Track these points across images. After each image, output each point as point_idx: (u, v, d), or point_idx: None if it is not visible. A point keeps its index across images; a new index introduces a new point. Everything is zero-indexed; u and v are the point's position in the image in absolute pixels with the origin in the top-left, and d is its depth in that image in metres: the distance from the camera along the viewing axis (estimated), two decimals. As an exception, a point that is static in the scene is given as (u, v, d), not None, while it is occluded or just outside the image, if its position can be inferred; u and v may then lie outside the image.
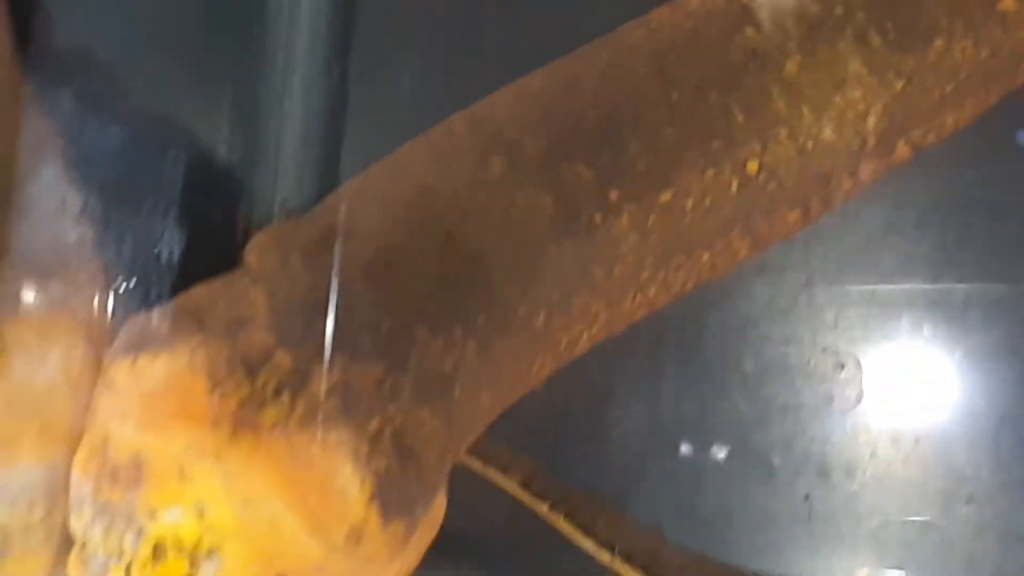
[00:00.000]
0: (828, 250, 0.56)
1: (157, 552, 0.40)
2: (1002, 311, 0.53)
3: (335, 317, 0.42)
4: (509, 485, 0.54)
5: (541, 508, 0.54)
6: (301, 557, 0.40)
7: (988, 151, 0.54)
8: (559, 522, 0.54)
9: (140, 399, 0.40)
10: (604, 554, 0.53)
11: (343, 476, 0.40)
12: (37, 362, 0.44)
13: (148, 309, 0.42)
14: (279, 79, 0.60)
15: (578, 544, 0.53)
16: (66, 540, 0.42)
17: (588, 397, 0.57)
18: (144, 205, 0.49)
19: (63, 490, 0.42)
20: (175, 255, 0.48)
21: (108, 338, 0.44)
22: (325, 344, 0.41)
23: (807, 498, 0.54)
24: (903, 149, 0.51)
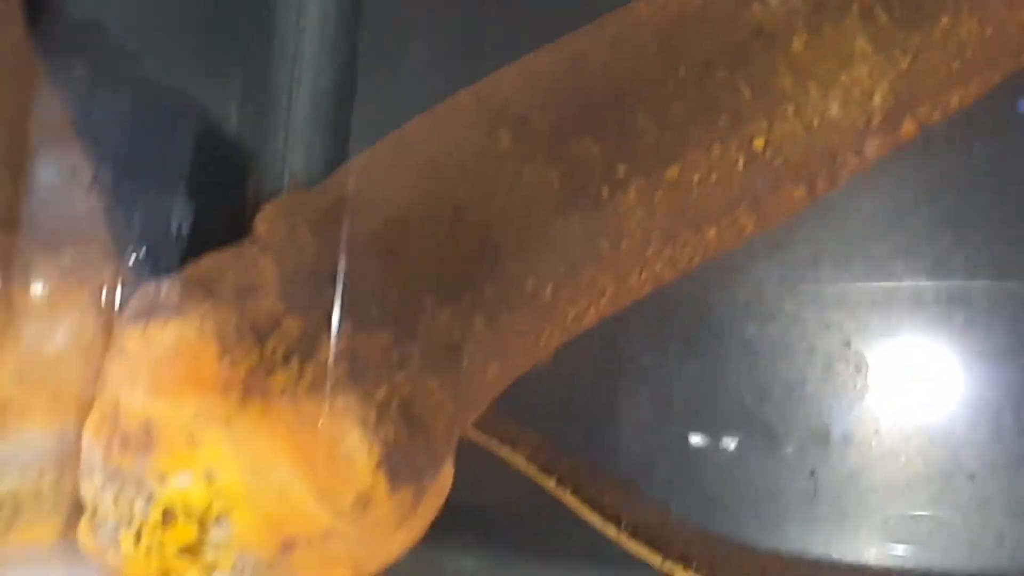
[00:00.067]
0: (833, 231, 0.56)
1: (167, 517, 0.40)
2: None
3: (343, 285, 0.42)
4: (516, 459, 0.54)
5: (548, 482, 0.54)
6: (309, 523, 0.40)
7: (998, 148, 0.54)
8: (565, 496, 0.54)
9: (150, 366, 0.40)
10: (610, 528, 0.53)
11: (351, 442, 0.40)
12: (48, 331, 0.44)
13: (158, 279, 0.42)
14: (289, 55, 0.61)
15: (584, 518, 0.53)
16: (76, 506, 0.43)
17: (593, 374, 0.57)
18: (154, 177, 0.50)
19: (73, 457, 0.43)
20: (184, 227, 0.49)
21: (118, 307, 0.45)
22: (333, 311, 0.41)
23: (813, 474, 0.54)
24: (909, 126, 0.51)
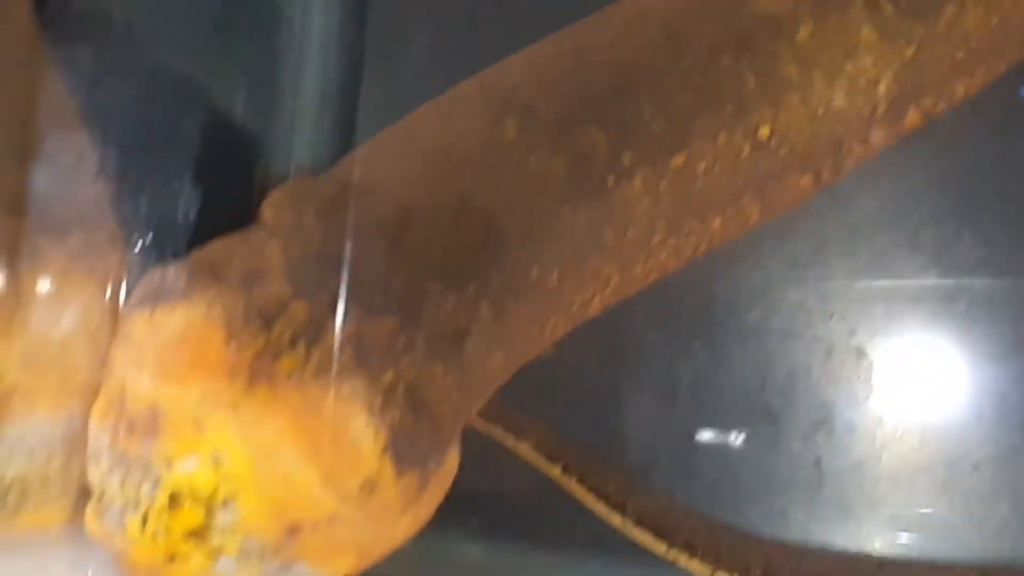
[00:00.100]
0: (839, 222, 0.56)
1: (173, 501, 0.40)
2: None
3: (349, 271, 0.42)
4: (521, 448, 0.54)
5: (553, 471, 0.54)
6: (315, 507, 0.40)
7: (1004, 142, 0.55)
8: (571, 485, 0.54)
9: (157, 350, 0.41)
10: (615, 516, 0.53)
11: (357, 427, 0.40)
12: (55, 316, 0.44)
13: (165, 264, 0.42)
14: (296, 42, 0.61)
15: (589, 507, 0.53)
16: (83, 491, 0.43)
17: (598, 362, 0.57)
18: (161, 163, 0.50)
19: (80, 441, 0.43)
20: (191, 214, 0.49)
21: (125, 292, 0.45)
22: (339, 296, 0.41)
23: (817, 463, 0.54)
24: (914, 116, 0.51)
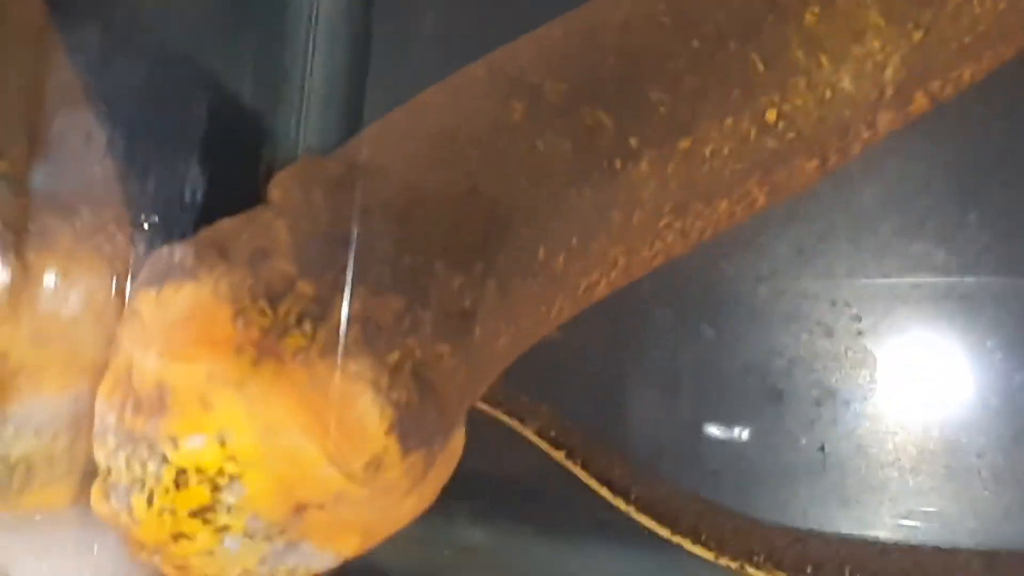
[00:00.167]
0: (844, 205, 0.56)
1: (179, 479, 0.40)
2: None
3: (356, 250, 0.42)
4: (526, 431, 0.54)
5: (558, 455, 0.54)
6: (321, 486, 0.40)
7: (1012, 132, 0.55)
8: (576, 469, 0.54)
9: (164, 328, 0.40)
10: (620, 501, 0.53)
11: (363, 405, 0.40)
12: (62, 294, 0.44)
13: (172, 243, 0.42)
14: (304, 24, 0.61)
15: (594, 491, 0.53)
16: (89, 470, 0.43)
17: (604, 344, 0.57)
18: (168, 144, 0.50)
19: (87, 420, 0.43)
20: (198, 195, 0.49)
21: (132, 271, 0.45)
22: (346, 275, 0.41)
23: (822, 449, 0.54)
24: (921, 100, 0.51)
